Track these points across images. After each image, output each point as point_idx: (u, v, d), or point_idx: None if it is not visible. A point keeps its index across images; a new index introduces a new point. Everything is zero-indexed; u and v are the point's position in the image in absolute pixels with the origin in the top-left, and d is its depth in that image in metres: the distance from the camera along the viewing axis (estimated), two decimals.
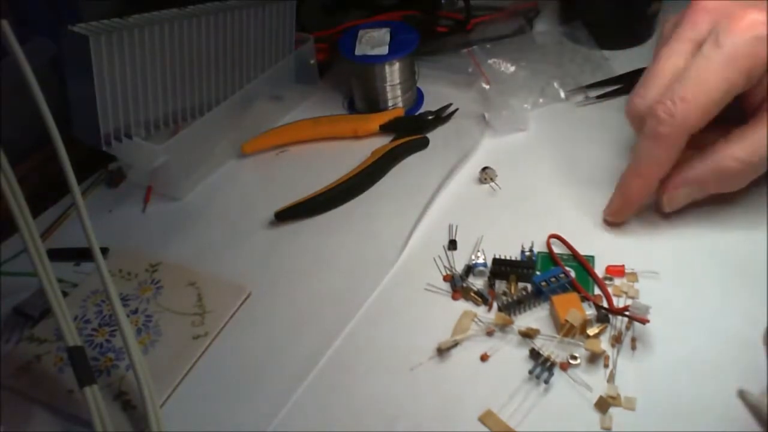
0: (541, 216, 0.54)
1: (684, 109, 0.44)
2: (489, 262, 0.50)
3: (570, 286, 0.47)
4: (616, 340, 0.44)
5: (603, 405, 0.41)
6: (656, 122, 0.46)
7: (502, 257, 0.50)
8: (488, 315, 0.47)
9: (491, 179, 0.57)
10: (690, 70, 0.45)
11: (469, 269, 0.50)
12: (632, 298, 0.46)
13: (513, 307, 0.47)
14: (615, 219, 0.51)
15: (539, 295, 0.47)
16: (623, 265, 0.48)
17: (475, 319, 0.47)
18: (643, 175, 0.48)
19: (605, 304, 0.46)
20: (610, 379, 0.42)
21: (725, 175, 0.47)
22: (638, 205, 0.50)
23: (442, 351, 0.45)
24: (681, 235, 0.51)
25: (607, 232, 0.52)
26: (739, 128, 0.47)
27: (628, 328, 0.44)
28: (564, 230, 0.51)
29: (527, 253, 0.50)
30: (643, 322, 0.44)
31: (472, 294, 0.49)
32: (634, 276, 0.48)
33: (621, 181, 0.50)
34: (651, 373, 0.43)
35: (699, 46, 0.46)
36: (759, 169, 0.47)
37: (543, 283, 0.47)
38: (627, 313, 0.44)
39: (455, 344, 0.46)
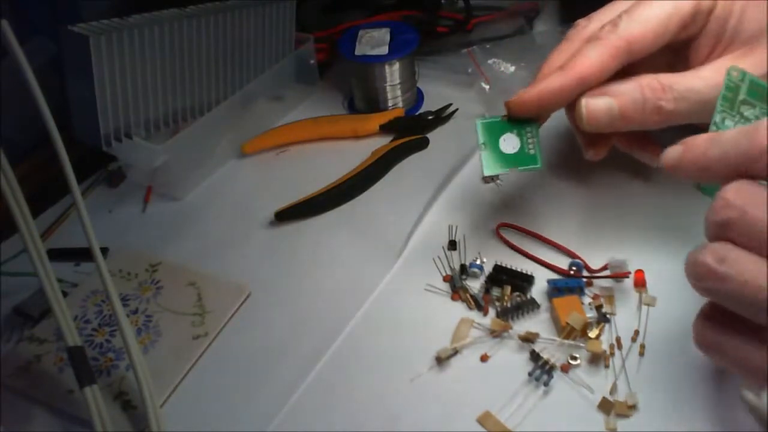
0: (541, 215, 0.54)
1: (627, 21, 0.43)
2: (486, 266, 0.50)
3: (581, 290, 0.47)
4: (618, 346, 0.44)
5: (607, 406, 0.41)
6: (601, 32, 0.44)
7: (503, 264, 0.50)
8: (484, 320, 0.47)
9: (495, 178, 0.57)
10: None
11: (464, 268, 0.50)
12: (648, 304, 0.46)
13: (511, 312, 0.47)
14: (516, 106, 0.46)
15: (534, 302, 0.47)
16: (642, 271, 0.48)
17: (474, 325, 0.47)
18: (566, 68, 0.44)
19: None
20: (613, 390, 0.42)
21: (649, 102, 0.43)
22: (545, 101, 0.45)
23: (442, 360, 0.45)
24: (681, 235, 0.50)
25: (611, 232, 0.52)
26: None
27: (634, 340, 0.44)
28: (569, 229, 0.52)
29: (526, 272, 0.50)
30: (625, 275, 0.46)
31: (468, 296, 0.49)
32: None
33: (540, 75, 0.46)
34: (651, 373, 0.43)
35: None
36: (686, 115, 0.43)
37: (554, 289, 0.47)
38: (607, 273, 0.46)
39: (454, 352, 0.45)
